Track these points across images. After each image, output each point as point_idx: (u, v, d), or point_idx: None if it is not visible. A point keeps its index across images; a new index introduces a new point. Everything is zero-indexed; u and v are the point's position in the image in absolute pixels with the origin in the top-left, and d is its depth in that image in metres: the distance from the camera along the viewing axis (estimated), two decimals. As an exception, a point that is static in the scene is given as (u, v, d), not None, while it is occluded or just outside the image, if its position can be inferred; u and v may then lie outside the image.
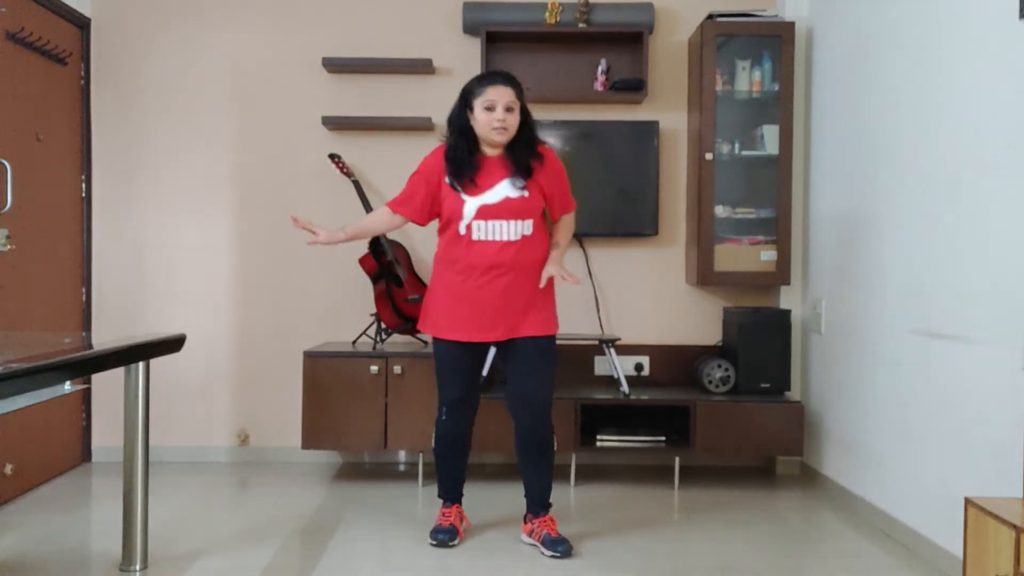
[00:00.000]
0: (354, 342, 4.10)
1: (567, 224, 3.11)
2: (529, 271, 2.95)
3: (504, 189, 2.90)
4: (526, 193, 2.91)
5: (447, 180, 2.93)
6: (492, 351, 3.76)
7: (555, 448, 3.12)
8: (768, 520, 3.40)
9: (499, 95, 2.86)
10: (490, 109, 2.86)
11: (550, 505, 3.08)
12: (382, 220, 3.12)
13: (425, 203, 2.98)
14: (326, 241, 3.01)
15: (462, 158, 2.90)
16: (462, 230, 2.92)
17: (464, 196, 2.91)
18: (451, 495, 3.15)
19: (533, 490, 3.05)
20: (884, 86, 3.28)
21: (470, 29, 4.16)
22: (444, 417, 3.07)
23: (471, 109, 2.90)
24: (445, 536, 3.03)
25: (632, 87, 4.06)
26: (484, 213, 2.89)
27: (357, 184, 4.06)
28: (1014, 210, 2.49)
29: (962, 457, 2.74)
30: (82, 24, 4.16)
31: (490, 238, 2.90)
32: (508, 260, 2.90)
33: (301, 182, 4.25)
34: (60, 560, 2.90)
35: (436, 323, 3.02)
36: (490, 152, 2.94)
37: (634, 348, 4.19)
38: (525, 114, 2.95)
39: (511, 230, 2.90)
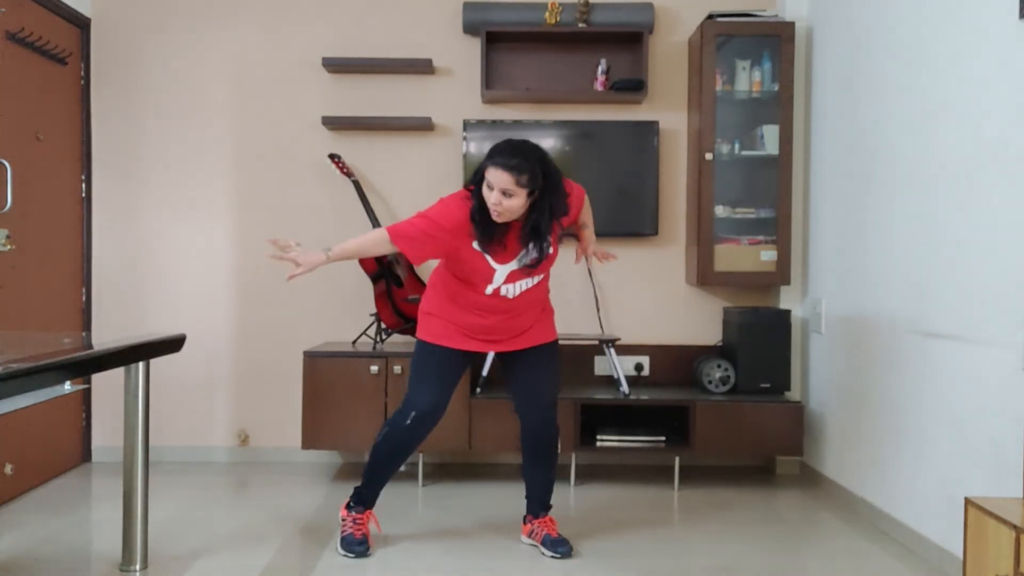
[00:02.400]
0: (354, 342, 4.10)
1: (587, 207, 3.01)
2: (532, 307, 2.91)
3: (521, 259, 2.78)
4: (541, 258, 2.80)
5: (475, 246, 2.75)
6: (491, 354, 3.77)
7: (559, 449, 3.11)
8: (768, 520, 3.40)
9: (495, 179, 2.61)
10: (490, 188, 2.64)
11: (550, 506, 3.08)
12: (378, 246, 2.73)
13: (432, 255, 2.78)
14: (307, 269, 2.60)
15: (487, 224, 2.69)
16: (488, 291, 2.80)
17: (495, 265, 2.77)
18: (372, 502, 3.04)
19: (535, 490, 3.06)
20: (884, 86, 3.28)
21: (470, 29, 4.16)
22: (409, 422, 2.86)
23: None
24: (364, 548, 2.93)
25: (632, 87, 4.06)
26: (512, 277, 2.80)
27: (357, 184, 4.06)
28: (1013, 210, 2.48)
29: (962, 457, 2.74)
30: (82, 24, 4.16)
31: (511, 295, 2.83)
32: (518, 304, 2.85)
33: (301, 182, 4.25)
34: (60, 560, 2.89)
35: (434, 334, 2.89)
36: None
37: (634, 348, 4.20)
38: (548, 194, 2.67)
39: (530, 283, 2.84)
